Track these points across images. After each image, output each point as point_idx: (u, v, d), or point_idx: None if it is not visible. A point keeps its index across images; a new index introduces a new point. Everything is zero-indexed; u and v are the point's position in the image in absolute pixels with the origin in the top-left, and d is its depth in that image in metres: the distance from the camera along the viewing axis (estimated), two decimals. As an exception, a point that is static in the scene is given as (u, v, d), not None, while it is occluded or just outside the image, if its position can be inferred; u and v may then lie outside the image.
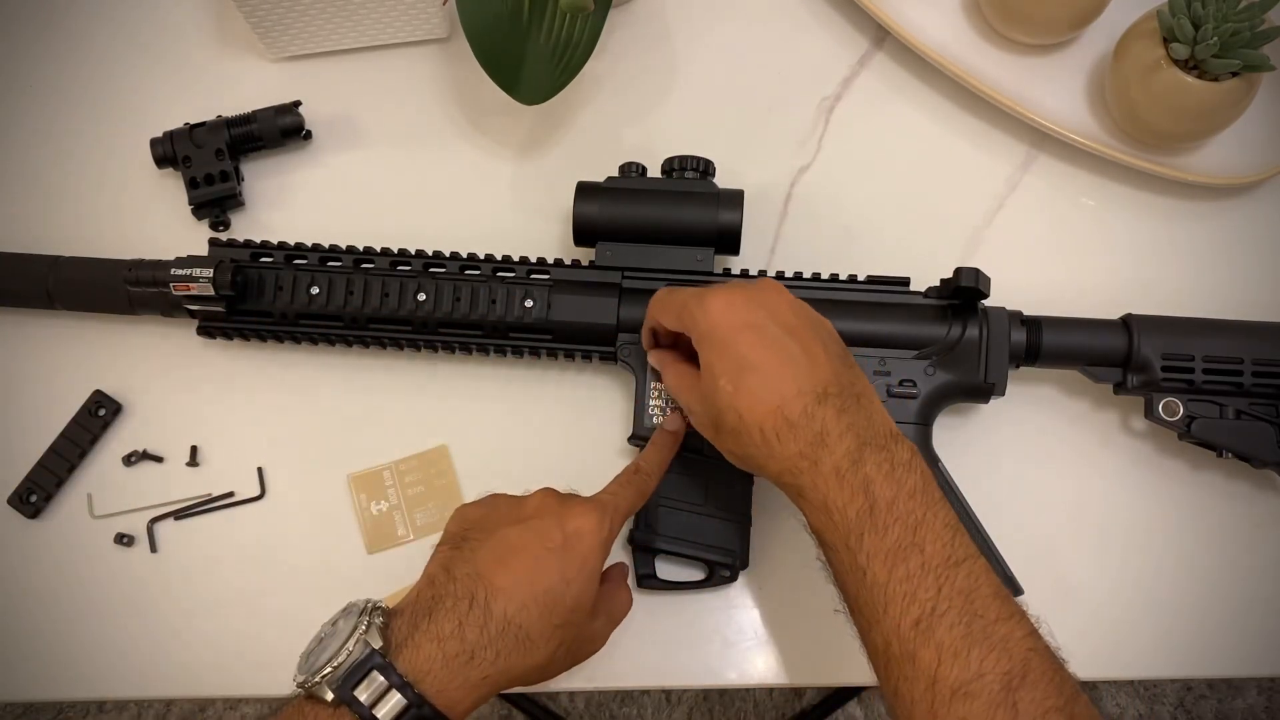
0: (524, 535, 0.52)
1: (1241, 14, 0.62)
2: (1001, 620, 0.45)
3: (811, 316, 0.54)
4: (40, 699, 0.68)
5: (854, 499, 0.47)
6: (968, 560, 0.46)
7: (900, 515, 0.47)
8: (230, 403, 0.68)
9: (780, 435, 0.49)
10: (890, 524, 0.47)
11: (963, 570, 0.46)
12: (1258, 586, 0.66)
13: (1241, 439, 0.62)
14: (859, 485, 0.48)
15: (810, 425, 0.49)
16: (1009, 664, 0.43)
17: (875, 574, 0.46)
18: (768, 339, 0.51)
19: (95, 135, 0.73)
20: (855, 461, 0.48)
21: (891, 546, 0.46)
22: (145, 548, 0.66)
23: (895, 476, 0.48)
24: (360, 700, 0.46)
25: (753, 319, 0.52)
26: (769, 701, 1.37)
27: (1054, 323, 0.63)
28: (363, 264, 0.65)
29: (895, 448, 0.49)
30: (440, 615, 0.49)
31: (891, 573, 0.46)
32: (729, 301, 0.53)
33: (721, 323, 0.52)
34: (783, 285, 0.55)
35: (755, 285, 0.54)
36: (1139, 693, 1.40)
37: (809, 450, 0.49)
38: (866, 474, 0.48)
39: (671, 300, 0.56)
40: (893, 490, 0.47)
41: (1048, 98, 0.72)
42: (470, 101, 0.74)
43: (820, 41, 0.75)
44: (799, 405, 0.49)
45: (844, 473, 0.48)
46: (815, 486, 0.49)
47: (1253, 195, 0.72)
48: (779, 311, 0.53)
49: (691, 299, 0.54)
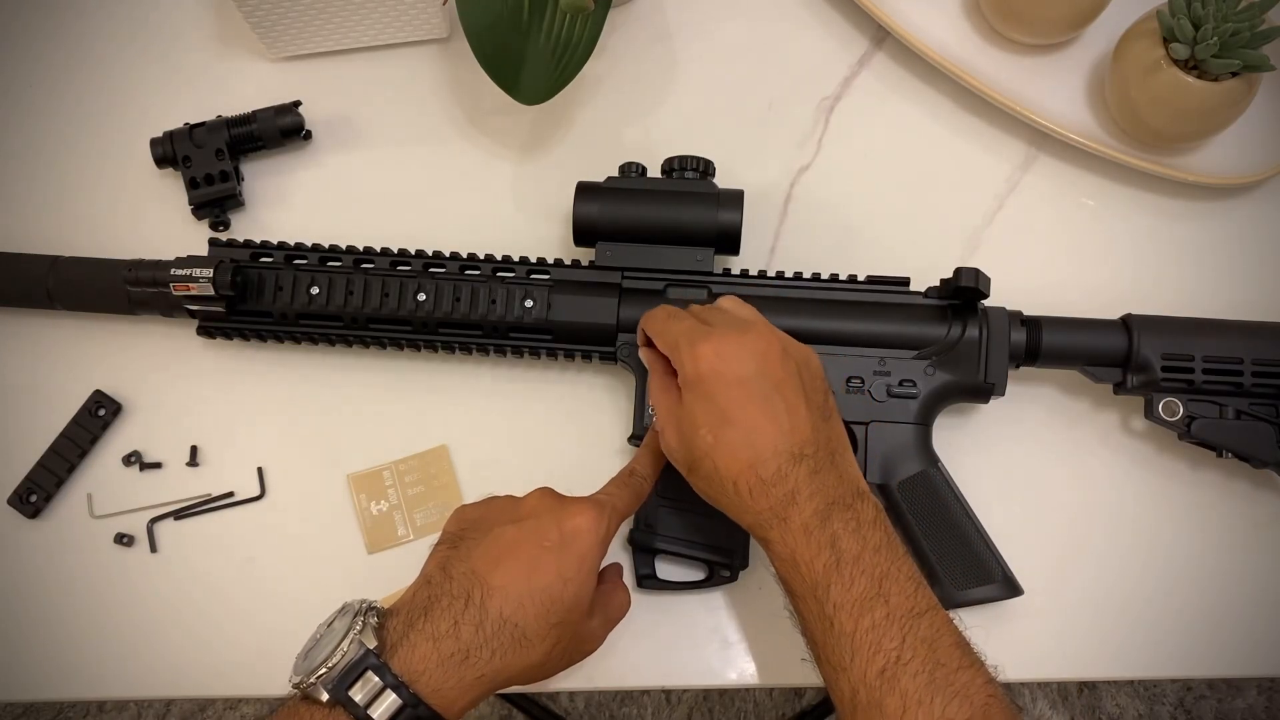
0: (521, 534, 0.52)
1: (1241, 14, 0.62)
2: (963, 669, 0.47)
3: (800, 361, 0.54)
4: (40, 699, 0.68)
5: (821, 553, 0.49)
6: (930, 611, 0.48)
7: (866, 568, 0.49)
8: (230, 403, 0.68)
9: (753, 491, 0.51)
10: (856, 576, 0.48)
11: (925, 620, 0.48)
12: (1258, 586, 0.66)
13: (1241, 439, 0.62)
14: (826, 541, 0.49)
15: (783, 485, 0.50)
16: (970, 710, 0.46)
17: (842, 624, 0.48)
18: (752, 394, 0.51)
19: (95, 135, 0.73)
20: (824, 519, 0.50)
21: (858, 598, 0.48)
22: (145, 548, 0.66)
23: (861, 533, 0.50)
24: (355, 700, 0.46)
25: (741, 373, 0.52)
26: (769, 701, 1.37)
27: (1054, 323, 0.63)
28: (363, 264, 0.65)
29: (861, 506, 0.51)
30: (436, 614, 0.49)
31: (858, 623, 0.47)
32: (719, 351, 0.52)
33: (709, 373, 0.52)
34: (776, 329, 0.55)
35: (749, 332, 0.54)
36: (1139, 693, 1.40)
37: (779, 508, 0.50)
38: (834, 531, 0.49)
39: (666, 331, 0.56)
40: (858, 545, 0.49)
41: (1048, 98, 0.72)
42: (470, 101, 0.74)
43: (820, 41, 0.75)
44: (774, 465, 0.50)
45: (812, 529, 0.49)
46: (784, 540, 0.50)
47: (1253, 195, 0.72)
48: (769, 364, 0.53)
49: (684, 339, 0.54)
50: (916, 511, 0.61)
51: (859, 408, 0.62)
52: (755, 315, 0.57)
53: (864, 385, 0.62)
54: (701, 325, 0.55)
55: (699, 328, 0.54)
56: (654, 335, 0.57)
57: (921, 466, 0.61)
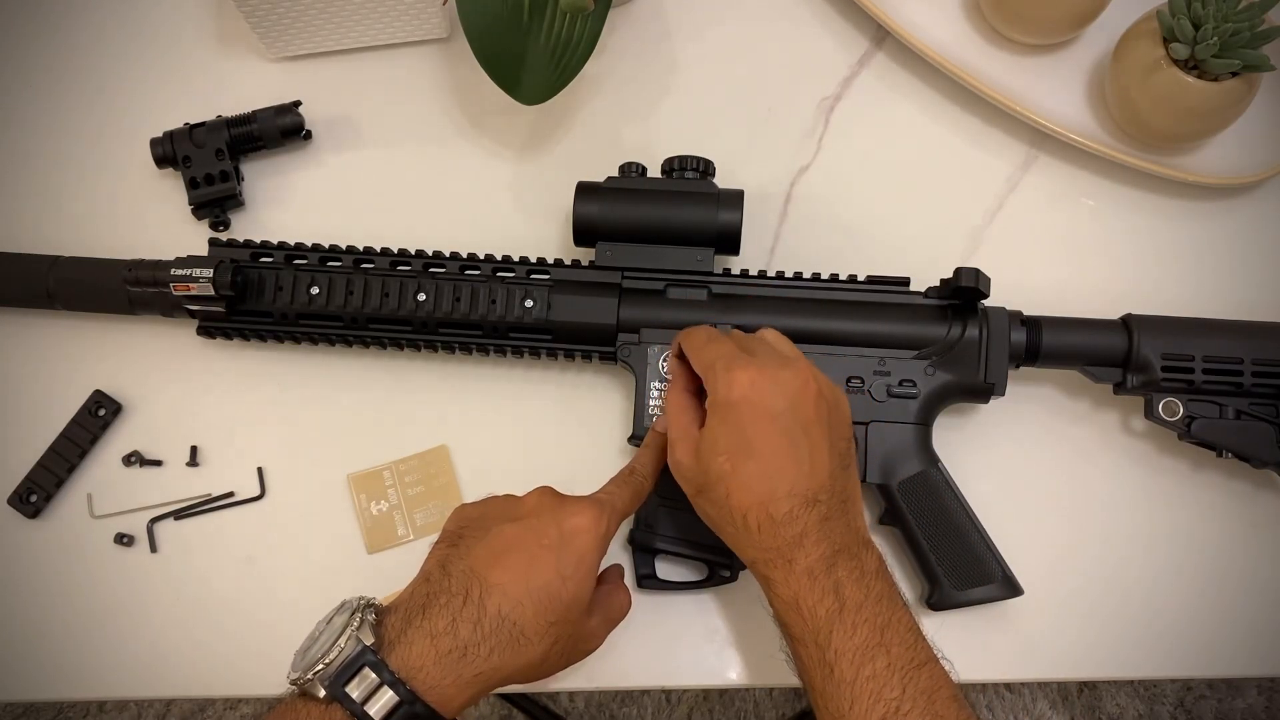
0: (520, 532, 0.52)
1: (1241, 14, 0.62)
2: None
3: (831, 405, 0.54)
4: (40, 699, 0.68)
5: (824, 599, 0.49)
6: (929, 663, 0.49)
7: (869, 617, 0.49)
8: (230, 403, 0.68)
9: (762, 528, 0.51)
10: (859, 624, 0.49)
11: (925, 672, 0.48)
12: (1258, 586, 0.66)
13: (1241, 439, 0.62)
14: (830, 587, 0.49)
15: (792, 527, 0.50)
16: None
17: (843, 671, 0.48)
18: (780, 431, 0.51)
19: (95, 135, 0.73)
20: (829, 566, 0.50)
21: (859, 646, 0.48)
22: (145, 548, 0.66)
23: (865, 582, 0.50)
24: (352, 697, 0.46)
25: (774, 407, 0.52)
26: (769, 701, 1.37)
27: (1054, 323, 0.63)
28: (363, 264, 0.65)
29: (866, 555, 0.51)
30: (434, 611, 0.49)
31: (859, 671, 0.48)
32: (755, 382, 0.52)
33: (741, 400, 0.52)
34: (815, 369, 0.54)
35: (788, 368, 0.53)
36: (1139, 693, 1.40)
37: (786, 549, 0.50)
38: (838, 578, 0.50)
39: (702, 353, 0.56)
40: (862, 594, 0.49)
41: (1048, 98, 0.72)
42: (470, 101, 0.74)
43: (820, 41, 0.75)
44: (786, 506, 0.50)
45: (817, 574, 0.50)
46: (787, 583, 0.50)
47: (1253, 195, 0.72)
48: (802, 403, 0.52)
49: (722, 363, 0.53)
50: (916, 511, 0.61)
51: (859, 408, 0.62)
52: (796, 353, 0.56)
53: (864, 385, 0.62)
54: (742, 353, 0.54)
55: (739, 355, 0.54)
56: (690, 352, 0.57)
57: (922, 466, 0.61)
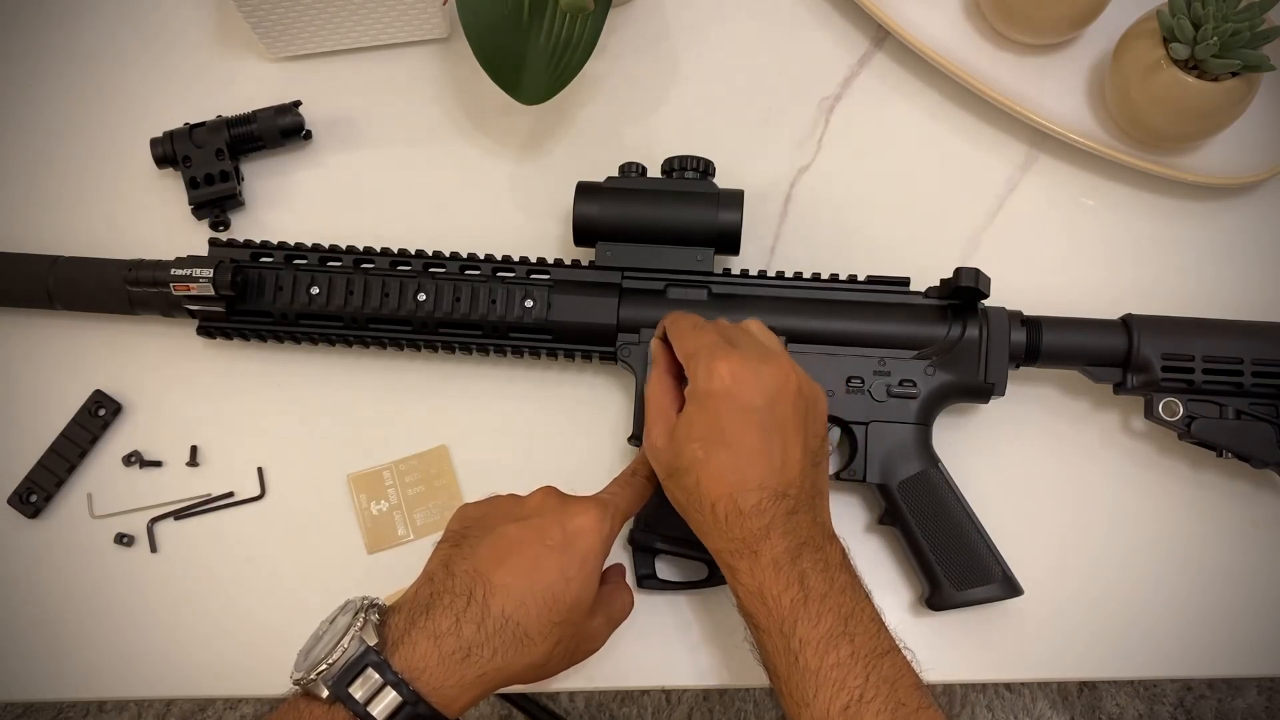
0: (524, 532, 0.52)
1: (1241, 14, 0.62)
2: (922, 709, 0.48)
3: (809, 403, 0.54)
4: (40, 699, 0.68)
5: (789, 588, 0.49)
6: (892, 652, 0.49)
7: (833, 606, 0.49)
8: (230, 402, 0.68)
9: (729, 518, 0.51)
10: (824, 614, 0.49)
11: (888, 660, 0.49)
12: (1258, 586, 0.66)
13: (1241, 439, 0.62)
14: (795, 577, 0.50)
15: (759, 519, 0.50)
16: None
17: (807, 660, 0.48)
18: (755, 425, 0.52)
19: (95, 135, 0.73)
20: (794, 557, 0.50)
21: (824, 635, 0.48)
22: (145, 548, 0.66)
23: (829, 574, 0.50)
24: (355, 697, 0.46)
25: (752, 401, 0.52)
26: (769, 701, 1.37)
27: (1054, 323, 0.63)
28: (363, 264, 0.65)
29: (829, 548, 0.52)
30: (437, 612, 0.49)
31: (823, 660, 0.48)
32: (736, 373, 0.52)
33: (720, 391, 0.52)
34: (796, 365, 0.55)
35: (770, 363, 0.53)
36: (1139, 693, 1.40)
37: (751, 540, 0.50)
38: (803, 569, 0.50)
39: (686, 340, 0.56)
40: (826, 585, 0.50)
41: (1048, 98, 0.72)
42: (470, 101, 0.74)
43: (820, 41, 0.75)
44: (755, 498, 0.51)
45: (781, 565, 0.50)
46: (752, 573, 0.50)
47: (1253, 195, 0.72)
48: (781, 399, 0.53)
49: (704, 351, 0.54)
50: (916, 511, 0.61)
51: (859, 408, 0.62)
52: (779, 346, 0.57)
53: (864, 385, 0.62)
54: (725, 343, 0.54)
55: (722, 345, 0.54)
56: (674, 338, 0.57)
57: (922, 466, 0.61)
